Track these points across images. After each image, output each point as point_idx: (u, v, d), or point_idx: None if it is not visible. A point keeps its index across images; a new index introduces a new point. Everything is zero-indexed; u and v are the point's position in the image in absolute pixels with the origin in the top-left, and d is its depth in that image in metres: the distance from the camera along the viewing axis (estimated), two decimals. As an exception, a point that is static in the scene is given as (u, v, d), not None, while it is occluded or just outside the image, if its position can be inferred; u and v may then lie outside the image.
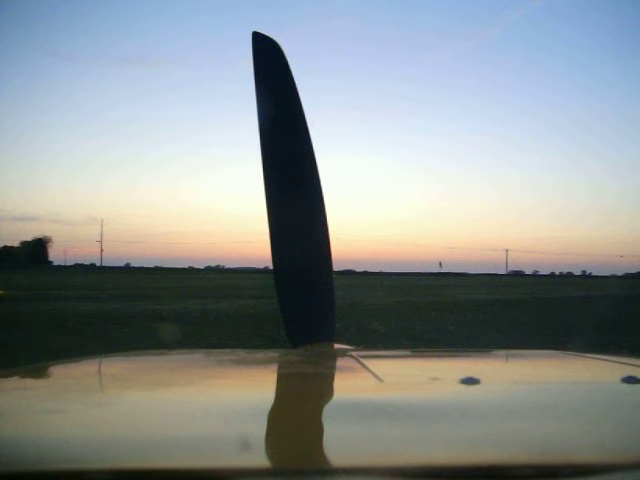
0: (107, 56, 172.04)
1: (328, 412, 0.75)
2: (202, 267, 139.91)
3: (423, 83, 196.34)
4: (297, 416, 0.73)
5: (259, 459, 0.56)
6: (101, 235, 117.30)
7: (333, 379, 1.13)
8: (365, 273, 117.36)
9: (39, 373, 1.13)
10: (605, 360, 1.22)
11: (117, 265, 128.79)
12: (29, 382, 1.05)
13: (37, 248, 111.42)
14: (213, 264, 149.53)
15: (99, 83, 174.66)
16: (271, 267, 1.97)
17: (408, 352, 2.13)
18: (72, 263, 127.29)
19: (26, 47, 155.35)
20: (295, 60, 1.94)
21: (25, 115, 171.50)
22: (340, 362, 1.35)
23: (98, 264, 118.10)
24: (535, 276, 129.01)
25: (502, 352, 2.07)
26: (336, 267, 2.33)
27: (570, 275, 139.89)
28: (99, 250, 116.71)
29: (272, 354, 1.55)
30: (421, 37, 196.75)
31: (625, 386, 0.84)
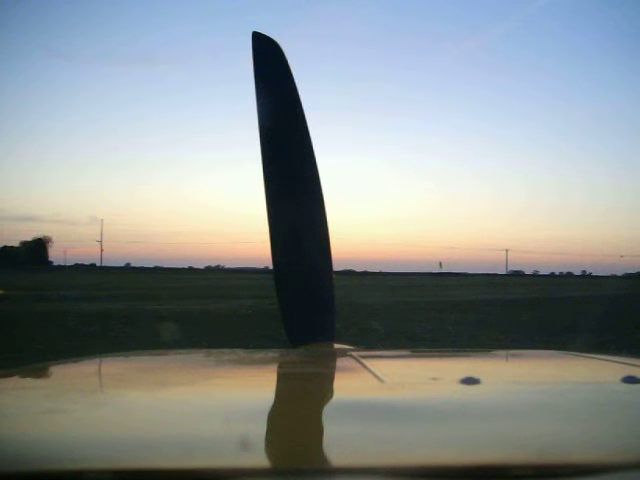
0: (108, 56, 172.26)
1: (328, 412, 0.75)
2: (202, 267, 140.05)
3: (422, 85, 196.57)
4: (297, 416, 0.73)
5: (259, 459, 0.56)
6: (101, 235, 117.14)
7: (333, 379, 1.13)
8: (365, 273, 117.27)
9: (39, 373, 1.13)
10: (605, 360, 1.22)
11: (117, 265, 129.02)
12: (29, 382, 1.05)
13: (37, 248, 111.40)
14: (213, 264, 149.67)
15: (99, 83, 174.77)
16: (271, 267, 1.97)
17: (408, 352, 2.13)
18: (72, 263, 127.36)
19: (28, 47, 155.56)
20: (294, 62, 1.94)
21: (26, 115, 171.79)
22: (340, 362, 1.35)
23: (98, 264, 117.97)
24: (535, 276, 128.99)
25: (502, 352, 2.07)
26: (336, 267, 2.33)
27: (570, 275, 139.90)
28: (99, 250, 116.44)
29: (272, 354, 1.55)
30: (421, 39, 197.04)
31: (625, 386, 0.84)
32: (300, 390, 0.93)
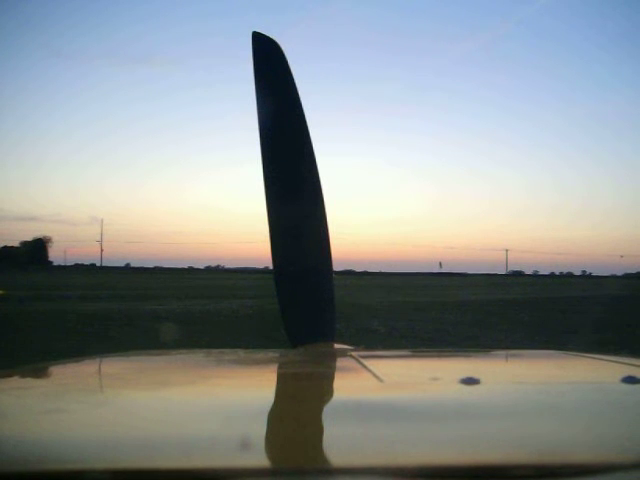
0: (108, 56, 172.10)
1: (328, 412, 0.75)
2: (202, 267, 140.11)
3: (422, 85, 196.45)
4: (297, 416, 0.73)
5: (259, 459, 0.55)
6: (101, 235, 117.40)
7: (333, 379, 1.13)
8: (365, 273, 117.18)
9: (39, 373, 1.13)
10: (605, 360, 1.22)
11: (117, 265, 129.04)
12: (29, 382, 1.05)
13: (37, 248, 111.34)
14: (213, 264, 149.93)
15: (99, 83, 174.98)
16: (271, 267, 1.97)
17: (408, 352, 2.13)
18: (72, 263, 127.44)
19: (29, 46, 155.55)
20: (295, 63, 1.94)
21: (26, 115, 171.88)
22: (340, 362, 1.35)
23: (98, 264, 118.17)
24: (535, 276, 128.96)
25: (502, 352, 2.07)
26: (336, 267, 2.33)
27: (570, 275, 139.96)
28: (99, 250, 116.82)
29: (272, 354, 1.55)
30: (421, 40, 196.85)
31: (625, 386, 0.84)
32: (300, 390, 0.93)
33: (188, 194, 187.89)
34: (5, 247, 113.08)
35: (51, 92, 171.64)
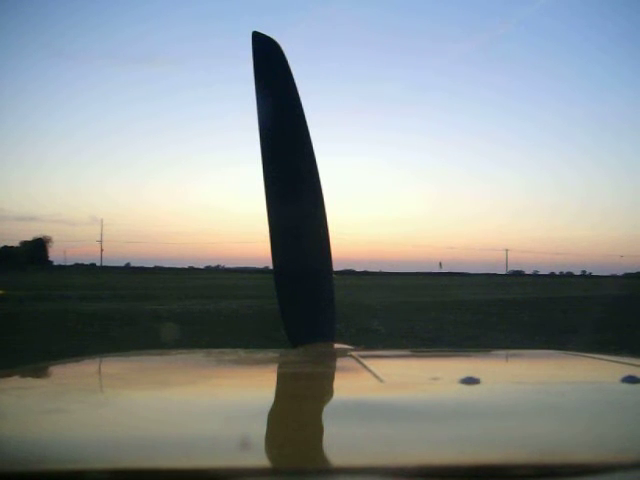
0: (109, 56, 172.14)
1: (328, 412, 0.75)
2: (202, 267, 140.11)
3: (423, 85, 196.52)
4: (297, 416, 0.73)
5: (259, 459, 0.55)
6: (101, 235, 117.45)
7: (333, 379, 1.13)
8: (365, 273, 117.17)
9: (39, 373, 1.13)
10: (605, 360, 1.22)
11: (117, 265, 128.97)
12: (29, 382, 1.05)
13: (37, 248, 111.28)
14: (213, 264, 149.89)
15: (100, 83, 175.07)
16: (271, 267, 1.97)
17: (408, 352, 2.13)
18: (72, 263, 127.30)
19: (30, 46, 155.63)
20: (295, 63, 1.94)
21: (27, 114, 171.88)
22: (340, 362, 1.35)
23: (98, 264, 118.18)
24: (535, 276, 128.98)
25: (502, 352, 2.07)
26: (336, 267, 2.33)
27: (570, 275, 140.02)
28: (99, 250, 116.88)
29: (272, 354, 1.55)
30: (421, 40, 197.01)
31: (625, 386, 0.84)
32: (300, 390, 0.93)
33: (188, 194, 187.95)
34: (5, 247, 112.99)
35: (52, 92, 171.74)
